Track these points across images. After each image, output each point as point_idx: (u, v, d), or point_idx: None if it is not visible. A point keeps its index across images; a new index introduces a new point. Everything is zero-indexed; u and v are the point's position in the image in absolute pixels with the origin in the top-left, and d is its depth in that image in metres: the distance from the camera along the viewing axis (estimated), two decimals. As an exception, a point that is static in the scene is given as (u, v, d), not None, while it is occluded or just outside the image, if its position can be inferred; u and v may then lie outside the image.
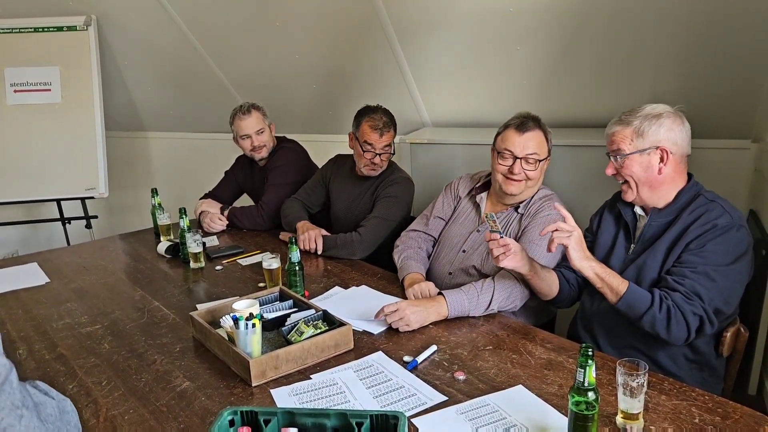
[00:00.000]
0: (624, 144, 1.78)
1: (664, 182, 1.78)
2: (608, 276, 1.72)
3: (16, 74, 3.85)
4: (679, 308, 1.63)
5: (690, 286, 1.64)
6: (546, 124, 2.20)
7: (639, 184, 1.79)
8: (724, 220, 1.67)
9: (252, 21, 3.36)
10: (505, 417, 1.40)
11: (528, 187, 2.12)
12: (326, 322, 1.80)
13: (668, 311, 1.63)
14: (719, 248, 1.66)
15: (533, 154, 2.07)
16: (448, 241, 2.25)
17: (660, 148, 1.74)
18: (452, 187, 2.36)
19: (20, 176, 3.89)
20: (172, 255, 2.65)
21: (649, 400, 1.42)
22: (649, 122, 1.75)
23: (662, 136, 1.74)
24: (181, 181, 4.64)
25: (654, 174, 1.76)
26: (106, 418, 1.48)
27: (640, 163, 1.77)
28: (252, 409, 1.13)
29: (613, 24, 2.62)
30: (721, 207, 1.71)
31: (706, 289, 1.64)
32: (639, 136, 1.76)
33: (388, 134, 2.60)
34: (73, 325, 2.02)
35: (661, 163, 1.75)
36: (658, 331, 1.66)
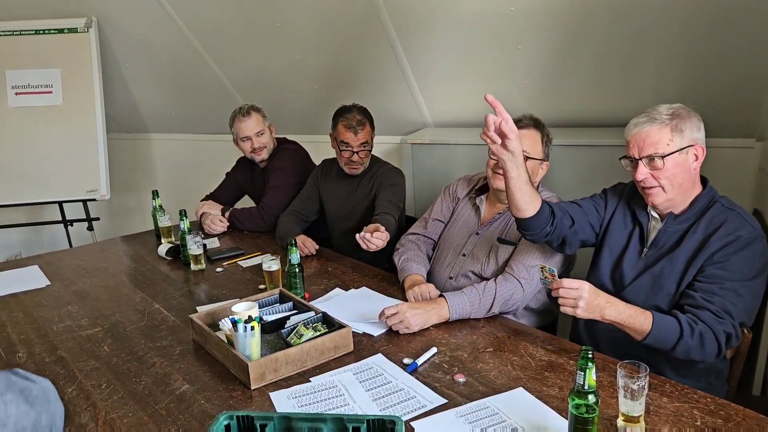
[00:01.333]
0: (661, 144, 1.66)
1: (693, 183, 1.71)
2: (629, 319, 1.60)
3: (17, 76, 3.85)
4: (711, 328, 1.57)
5: (720, 304, 1.59)
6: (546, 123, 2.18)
7: (675, 186, 1.68)
8: (747, 232, 1.61)
9: (253, 22, 3.36)
10: (506, 420, 1.39)
11: None
12: (326, 324, 1.79)
13: (701, 337, 1.57)
14: (745, 262, 1.60)
15: (523, 152, 2.04)
16: (448, 244, 2.24)
17: (696, 146, 1.68)
18: (450, 190, 2.35)
19: (22, 178, 3.89)
20: (172, 257, 2.64)
21: (651, 403, 1.41)
22: (684, 120, 1.67)
23: (696, 134, 1.68)
24: (182, 182, 4.64)
25: (690, 174, 1.69)
26: (105, 421, 1.48)
27: (679, 163, 1.66)
28: (248, 414, 1.12)
29: (615, 22, 2.61)
30: (742, 217, 1.65)
31: (735, 306, 1.59)
32: (678, 133, 1.66)
33: (363, 131, 2.63)
34: (73, 327, 2.02)
35: (695, 162, 1.68)
36: (693, 357, 1.60)
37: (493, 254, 2.09)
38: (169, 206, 2.99)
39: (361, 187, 2.74)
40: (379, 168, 2.75)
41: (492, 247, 2.10)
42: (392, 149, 3.66)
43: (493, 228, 2.13)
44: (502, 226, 2.12)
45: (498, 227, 2.13)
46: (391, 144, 3.68)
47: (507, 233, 2.10)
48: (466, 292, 1.91)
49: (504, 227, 2.12)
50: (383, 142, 3.69)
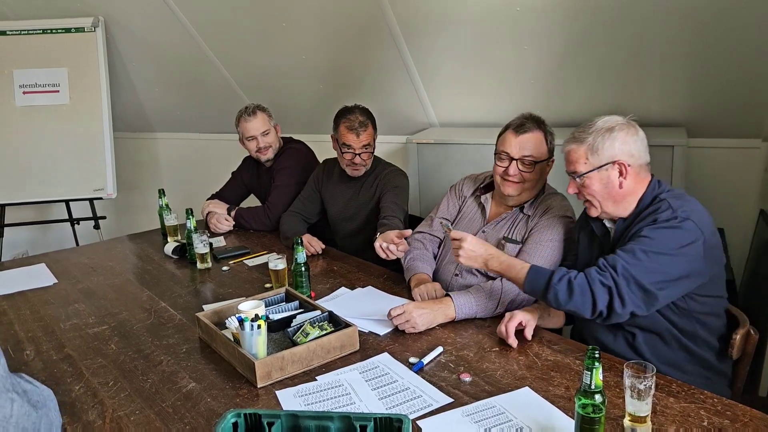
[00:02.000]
0: (579, 163, 1.74)
1: (626, 195, 1.74)
2: (508, 268, 1.74)
3: (24, 76, 3.87)
4: (587, 278, 1.60)
5: (611, 260, 1.61)
6: (552, 123, 2.18)
7: (602, 201, 1.75)
8: (664, 215, 1.64)
9: (258, 22, 3.37)
10: (512, 419, 1.39)
11: (526, 189, 2.09)
12: (332, 323, 1.80)
13: (569, 283, 1.61)
14: (653, 234, 1.61)
15: (529, 156, 2.04)
16: None
17: (617, 163, 1.70)
18: (457, 188, 2.36)
19: (29, 177, 3.91)
20: (179, 255, 2.65)
21: (657, 403, 1.41)
22: (602, 137, 1.70)
23: (617, 150, 1.69)
24: (188, 181, 4.66)
25: (615, 189, 1.72)
26: (113, 419, 1.48)
27: (599, 180, 1.72)
28: (256, 412, 1.12)
29: (621, 22, 2.61)
30: (668, 204, 1.66)
31: (626, 263, 1.58)
32: (594, 153, 1.71)
33: (365, 133, 2.61)
34: (80, 325, 2.03)
35: (620, 177, 1.71)
36: (562, 304, 1.62)
37: None
38: (174, 205, 3.00)
39: (365, 188, 2.74)
40: (382, 170, 2.74)
41: (497, 246, 2.10)
42: (397, 149, 3.67)
43: (499, 226, 2.14)
44: (509, 225, 2.12)
45: (504, 226, 2.13)
46: (396, 144, 3.69)
47: (513, 232, 2.10)
48: (472, 291, 1.91)
49: (510, 226, 2.12)
50: (388, 141, 3.70)
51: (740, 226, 2.93)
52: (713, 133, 2.91)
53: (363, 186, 2.74)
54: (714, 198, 2.97)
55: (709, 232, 1.64)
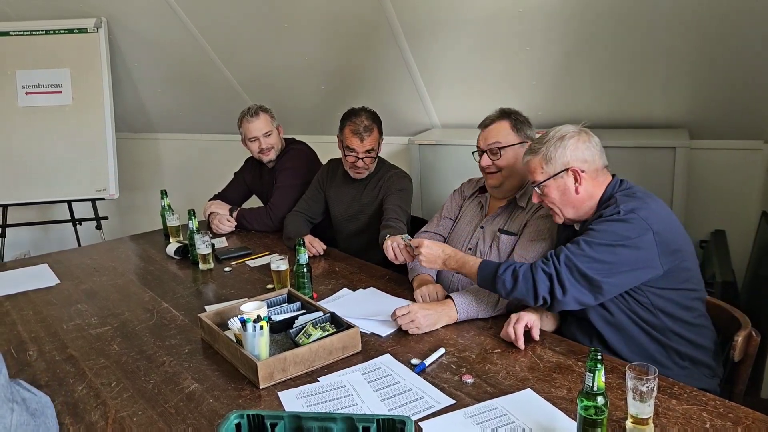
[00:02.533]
0: (537, 173, 1.81)
1: (584, 200, 1.79)
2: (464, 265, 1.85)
3: (27, 76, 3.88)
4: (530, 267, 1.69)
5: (556, 251, 1.70)
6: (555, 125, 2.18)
7: (562, 207, 1.81)
8: (609, 211, 1.70)
9: (261, 22, 3.37)
10: (514, 421, 1.39)
11: (506, 177, 2.12)
12: (334, 324, 1.80)
13: (513, 271, 1.70)
14: (597, 227, 1.68)
15: (494, 143, 2.10)
16: (456, 238, 2.26)
17: (571, 169, 1.76)
18: (459, 190, 2.40)
19: (31, 178, 3.92)
20: (181, 256, 2.66)
21: (659, 405, 1.41)
22: (554, 146, 1.78)
23: (569, 157, 1.76)
24: (190, 182, 4.66)
25: (573, 195, 1.78)
26: (115, 419, 1.48)
27: (556, 188, 1.79)
28: (259, 413, 1.13)
29: (624, 24, 2.61)
30: (615, 201, 1.72)
31: (569, 252, 1.66)
32: (548, 162, 1.78)
33: (369, 138, 2.61)
34: (83, 326, 2.03)
35: (576, 183, 1.77)
36: (510, 292, 1.71)
37: (495, 245, 2.11)
38: (176, 206, 3.00)
39: (368, 190, 2.74)
40: (386, 172, 2.74)
41: (494, 238, 2.12)
42: (399, 150, 3.67)
43: (496, 220, 2.16)
44: (505, 217, 2.15)
45: (501, 219, 2.15)
46: (398, 145, 3.69)
47: (508, 224, 2.12)
48: (472, 291, 1.92)
49: (506, 219, 2.14)
50: (390, 143, 3.70)
51: (742, 228, 2.93)
52: (715, 134, 2.91)
53: (366, 187, 2.74)
54: (716, 200, 2.97)
55: (660, 227, 1.66)
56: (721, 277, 2.50)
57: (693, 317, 1.75)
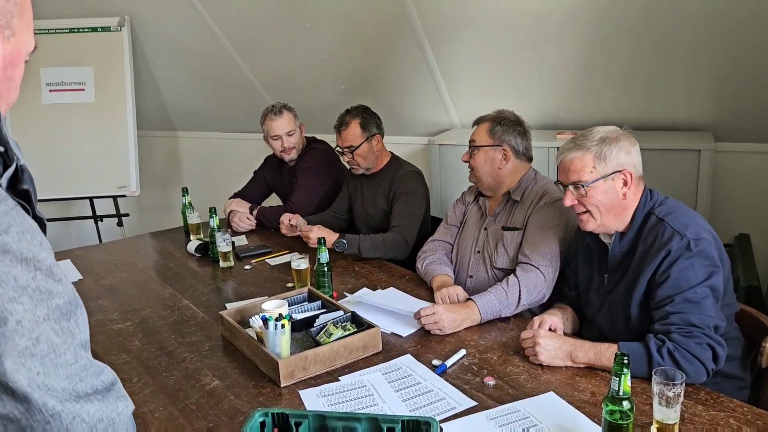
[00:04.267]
0: (585, 172, 1.68)
1: (627, 207, 1.70)
2: (598, 357, 1.59)
3: (51, 74, 3.92)
4: (682, 346, 1.49)
5: (677, 320, 1.52)
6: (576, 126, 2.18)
7: (603, 213, 1.69)
8: (676, 243, 1.57)
9: (282, 22, 3.38)
10: (537, 424, 1.38)
11: (480, 177, 2.18)
12: (355, 323, 1.80)
13: (671, 355, 1.48)
14: (683, 273, 1.55)
15: (471, 141, 2.19)
16: (463, 245, 2.26)
17: (623, 172, 1.67)
18: (461, 198, 2.40)
19: (54, 174, 3.96)
20: (201, 254, 2.67)
21: (685, 411, 1.38)
22: (609, 146, 1.66)
23: (623, 159, 1.66)
24: (209, 180, 4.68)
25: (619, 200, 1.68)
26: (137, 414, 1.47)
27: (604, 190, 1.67)
28: (283, 411, 1.12)
29: (648, 24, 2.58)
30: (669, 227, 1.60)
31: (695, 315, 1.51)
32: (601, 161, 1.66)
33: (345, 132, 2.70)
34: (104, 321, 2.05)
35: (624, 187, 1.67)
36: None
37: (501, 243, 2.11)
38: (196, 203, 3.01)
39: (381, 188, 2.74)
40: (398, 170, 2.73)
41: (499, 237, 2.13)
42: (419, 150, 3.66)
43: (497, 220, 2.17)
44: (505, 215, 2.16)
45: (501, 218, 2.16)
46: (417, 145, 3.68)
47: (510, 221, 2.13)
48: (492, 291, 1.92)
49: (507, 216, 2.15)
50: (410, 143, 3.70)
51: (767, 232, 2.88)
52: (740, 137, 2.87)
53: (380, 186, 2.74)
54: (740, 203, 2.93)
55: (713, 237, 1.62)
56: (745, 281, 2.46)
57: (725, 331, 1.70)
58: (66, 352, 0.75)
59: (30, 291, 0.72)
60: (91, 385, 0.77)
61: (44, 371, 0.72)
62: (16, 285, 0.71)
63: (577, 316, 1.88)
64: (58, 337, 0.74)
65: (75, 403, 0.74)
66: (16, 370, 0.70)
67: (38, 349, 0.72)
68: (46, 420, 0.72)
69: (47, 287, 0.74)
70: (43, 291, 0.73)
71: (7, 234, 0.70)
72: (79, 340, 0.77)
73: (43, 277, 0.74)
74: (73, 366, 0.75)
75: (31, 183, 0.80)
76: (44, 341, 0.73)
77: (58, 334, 0.74)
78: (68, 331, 0.76)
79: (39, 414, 0.72)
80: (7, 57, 0.80)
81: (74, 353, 0.76)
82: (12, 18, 0.79)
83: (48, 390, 0.72)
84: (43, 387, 0.72)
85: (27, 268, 0.72)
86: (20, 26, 0.80)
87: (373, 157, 2.74)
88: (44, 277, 0.74)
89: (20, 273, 0.71)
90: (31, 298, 0.72)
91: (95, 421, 0.75)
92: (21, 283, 0.71)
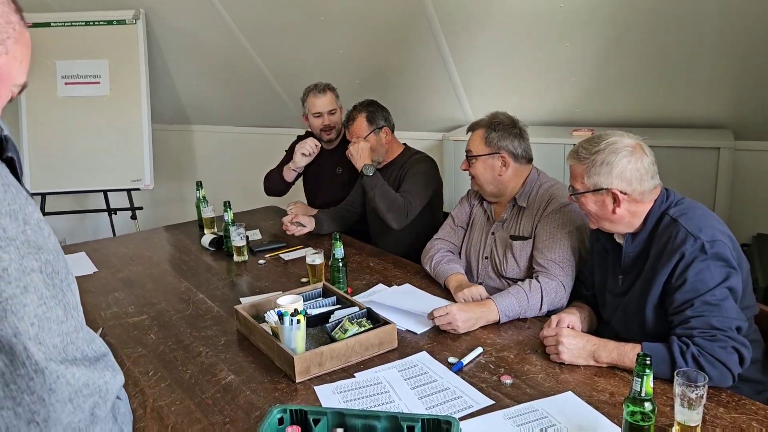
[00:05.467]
0: (577, 181, 1.69)
1: (624, 218, 1.66)
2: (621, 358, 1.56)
3: (67, 67, 3.94)
4: (706, 351, 1.45)
5: (699, 323, 1.49)
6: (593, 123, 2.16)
7: (598, 219, 1.70)
8: (690, 246, 1.53)
9: (297, 16, 3.37)
10: (555, 424, 1.36)
11: (481, 184, 2.15)
12: (370, 320, 1.79)
13: (695, 360, 1.44)
14: (699, 275, 1.51)
15: (468, 151, 2.16)
16: (472, 251, 2.23)
17: (611, 191, 1.62)
18: (467, 196, 2.36)
19: (69, 167, 3.98)
20: (215, 248, 2.67)
21: (707, 413, 1.36)
22: (601, 163, 1.62)
23: (613, 179, 1.61)
24: (223, 174, 4.69)
25: (609, 213, 1.65)
26: (153, 408, 1.50)
27: (594, 201, 1.67)
28: (301, 408, 1.12)
29: (667, 21, 2.54)
30: (683, 229, 1.56)
31: (715, 317, 1.48)
32: (590, 176, 1.64)
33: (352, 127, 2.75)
34: (120, 314, 2.05)
35: (614, 204, 1.63)
36: None
37: (510, 252, 2.09)
38: (209, 197, 3.01)
39: (392, 178, 2.73)
40: (409, 157, 2.73)
41: (507, 246, 2.10)
42: (433, 146, 3.65)
43: (505, 226, 2.14)
44: (512, 222, 2.12)
45: (509, 225, 2.13)
46: (431, 140, 3.67)
47: (518, 229, 2.10)
48: (512, 292, 1.89)
49: (515, 223, 2.12)
50: (424, 138, 3.68)
51: (787, 232, 2.85)
52: (761, 135, 2.83)
53: (391, 175, 2.74)
54: (759, 202, 2.89)
55: (729, 239, 1.58)
56: (764, 282, 2.43)
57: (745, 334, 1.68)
58: (56, 306, 0.73)
59: (18, 243, 0.71)
60: (81, 349, 0.75)
61: (38, 323, 0.71)
62: (4, 236, 0.70)
63: (594, 316, 1.86)
64: (47, 290, 0.73)
65: (60, 364, 0.72)
66: (2, 317, 0.69)
67: (28, 298, 0.71)
68: (29, 376, 0.70)
69: (36, 242, 0.73)
70: (32, 245, 0.73)
71: None
72: (70, 300, 0.76)
73: (32, 231, 0.73)
74: (64, 324, 0.74)
75: (16, 153, 0.80)
76: (33, 291, 0.71)
77: (48, 288, 0.73)
78: (59, 288, 0.75)
79: (22, 368, 0.70)
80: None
81: (65, 310, 0.74)
82: (7, 38, 0.81)
83: (39, 343, 0.71)
84: (34, 339, 0.70)
85: (15, 221, 0.72)
86: (15, 51, 0.82)
87: (382, 149, 2.74)
88: (33, 231, 0.73)
89: (9, 225, 0.71)
90: (19, 249, 0.71)
91: (80, 386, 0.74)
92: (9, 235, 0.71)
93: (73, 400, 0.73)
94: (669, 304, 1.58)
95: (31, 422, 0.71)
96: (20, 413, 0.71)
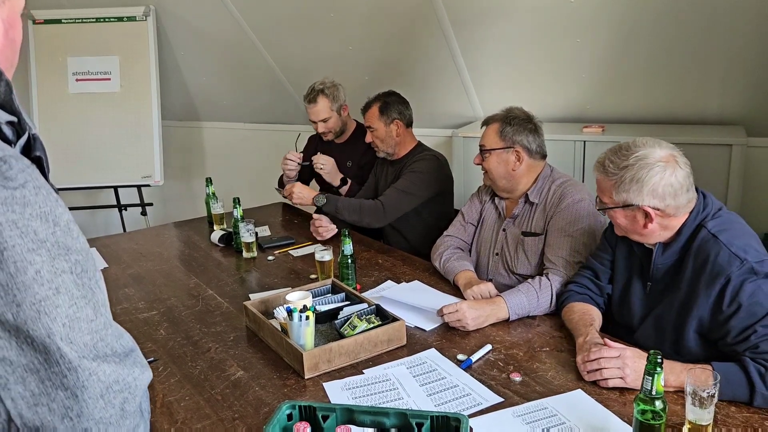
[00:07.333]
0: (605, 195, 1.62)
1: (655, 231, 1.58)
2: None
3: (78, 63, 3.96)
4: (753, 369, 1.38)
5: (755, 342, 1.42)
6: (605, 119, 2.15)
7: (627, 231, 1.63)
8: (735, 269, 1.45)
9: (306, 12, 3.37)
10: (564, 422, 1.36)
11: (494, 179, 2.14)
12: (379, 316, 1.79)
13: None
14: (754, 298, 1.43)
15: (482, 145, 2.15)
16: (482, 247, 2.23)
17: (642, 207, 1.54)
18: (478, 193, 2.35)
19: (80, 163, 4.01)
20: (225, 244, 2.68)
21: (718, 411, 1.35)
22: (630, 180, 1.54)
23: (644, 196, 1.53)
24: (233, 170, 4.70)
25: (640, 228, 1.58)
26: (163, 403, 1.50)
27: (624, 216, 1.59)
28: (311, 404, 1.12)
29: (679, 17, 2.52)
30: (726, 249, 1.47)
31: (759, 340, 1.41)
32: (619, 193, 1.56)
33: (366, 114, 2.76)
34: (130, 310, 2.06)
35: (646, 219, 1.56)
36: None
37: (521, 248, 2.08)
38: (218, 194, 3.02)
39: (395, 173, 2.74)
40: (414, 155, 2.73)
41: (518, 242, 2.10)
42: (443, 142, 3.64)
43: (516, 222, 2.14)
44: (524, 218, 2.11)
45: (521, 221, 2.12)
46: (441, 137, 3.66)
47: (530, 226, 2.09)
48: (522, 290, 1.88)
49: (526, 219, 2.11)
50: (434, 134, 3.67)
51: (800, 230, 2.82)
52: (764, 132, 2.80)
53: (395, 171, 2.75)
54: (772, 200, 2.86)
55: None
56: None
57: None
58: (86, 306, 0.75)
59: (49, 245, 0.73)
60: (110, 346, 0.77)
61: (69, 324, 0.73)
62: (35, 238, 0.72)
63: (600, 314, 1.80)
64: (78, 290, 0.75)
65: (92, 361, 0.74)
66: (37, 318, 0.71)
67: (59, 299, 0.73)
68: (63, 373, 0.72)
69: (66, 243, 0.74)
70: (62, 246, 0.74)
71: (25, 188, 0.71)
72: (99, 298, 0.78)
73: (62, 233, 0.74)
74: (94, 322, 0.75)
75: (43, 151, 0.81)
76: (64, 292, 0.73)
77: (78, 288, 0.75)
78: (88, 287, 0.76)
79: (56, 366, 0.72)
80: (6, 20, 0.81)
81: (94, 309, 0.76)
82: None
83: (70, 343, 0.73)
84: (65, 339, 0.72)
85: (46, 223, 0.73)
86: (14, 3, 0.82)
87: (392, 142, 2.73)
88: (63, 233, 0.74)
89: (40, 227, 0.72)
90: (50, 252, 0.73)
91: (111, 382, 0.75)
92: (41, 237, 0.72)
93: (104, 396, 0.75)
94: (724, 332, 1.48)
95: (65, 417, 0.73)
96: (54, 409, 0.73)
